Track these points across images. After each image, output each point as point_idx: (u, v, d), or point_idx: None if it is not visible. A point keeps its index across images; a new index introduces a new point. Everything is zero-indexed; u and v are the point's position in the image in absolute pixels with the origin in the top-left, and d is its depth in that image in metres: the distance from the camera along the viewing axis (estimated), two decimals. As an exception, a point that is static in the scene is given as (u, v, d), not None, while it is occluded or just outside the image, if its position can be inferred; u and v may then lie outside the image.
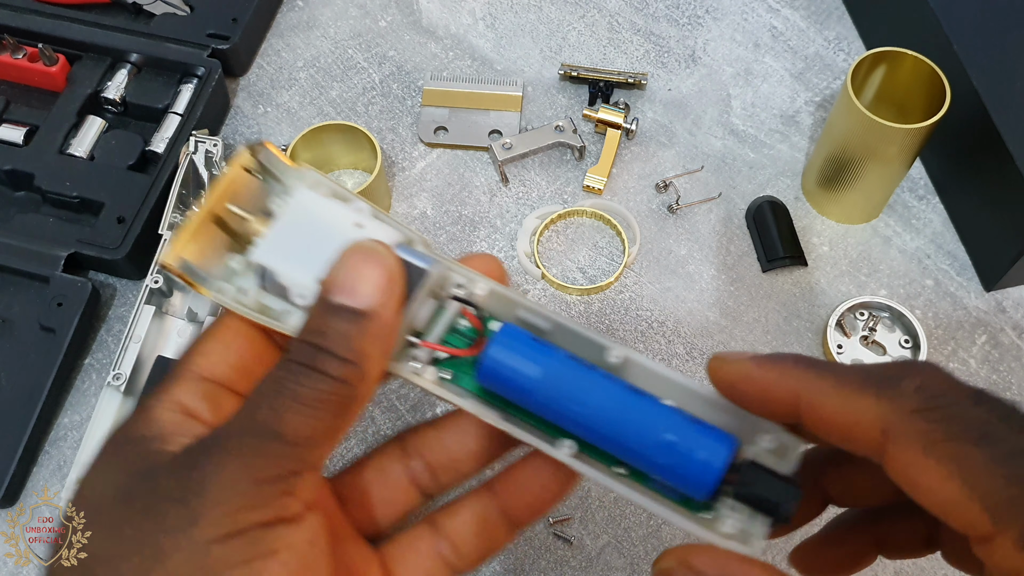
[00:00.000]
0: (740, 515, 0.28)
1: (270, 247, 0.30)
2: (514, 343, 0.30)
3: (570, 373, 0.29)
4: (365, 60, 0.69)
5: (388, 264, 0.28)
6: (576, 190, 0.64)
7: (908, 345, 0.57)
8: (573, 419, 0.29)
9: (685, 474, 0.28)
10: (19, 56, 0.64)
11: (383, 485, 0.33)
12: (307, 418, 0.27)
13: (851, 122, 0.55)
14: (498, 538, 0.33)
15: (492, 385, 0.30)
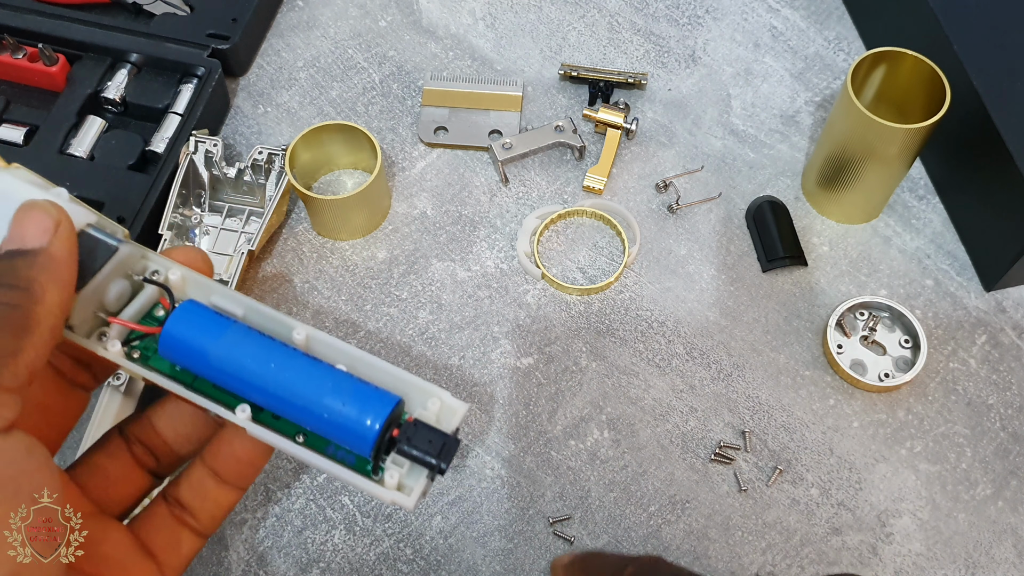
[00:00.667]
0: (402, 469, 0.31)
1: None
2: (190, 317, 0.32)
3: (241, 341, 0.31)
4: (365, 60, 0.69)
5: (53, 212, 0.31)
6: (576, 190, 0.64)
7: (908, 345, 0.57)
8: (246, 384, 0.31)
9: (351, 432, 0.30)
10: (19, 56, 0.64)
11: (113, 469, 0.35)
12: None
13: (851, 122, 0.55)
14: (223, 499, 0.35)
15: (172, 357, 0.32)
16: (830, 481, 0.54)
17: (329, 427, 0.31)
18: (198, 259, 0.35)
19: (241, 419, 0.31)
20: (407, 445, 0.30)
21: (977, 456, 0.55)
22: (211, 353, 0.31)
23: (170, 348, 0.32)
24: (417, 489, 0.31)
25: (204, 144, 0.60)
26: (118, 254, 0.32)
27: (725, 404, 0.56)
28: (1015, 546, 0.52)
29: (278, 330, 0.33)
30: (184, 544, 0.36)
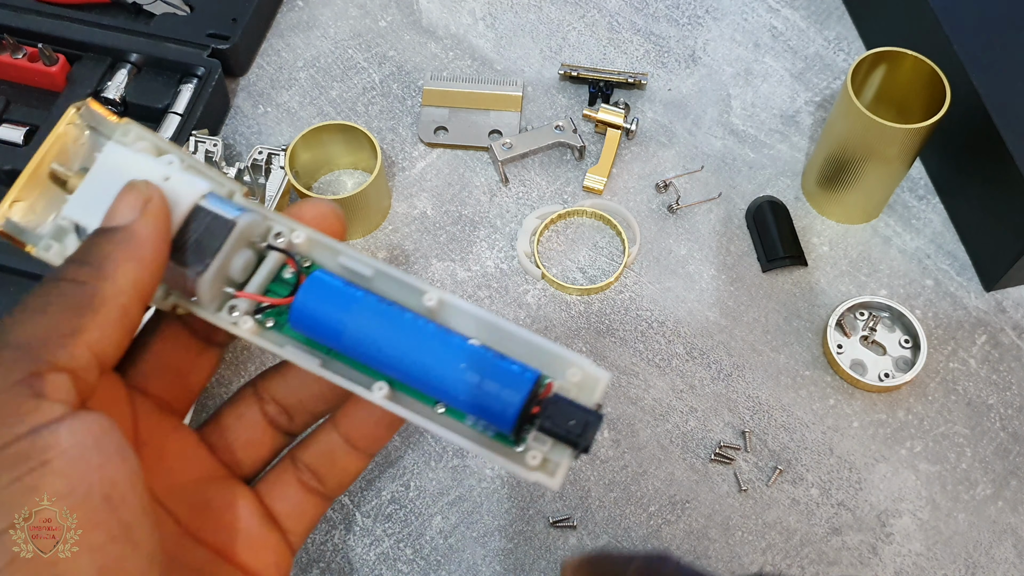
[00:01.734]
0: (544, 447, 0.29)
1: (79, 202, 0.31)
2: (322, 288, 0.30)
3: (376, 315, 0.30)
4: (365, 60, 0.69)
5: (143, 191, 0.29)
6: (576, 190, 0.64)
7: (908, 345, 0.57)
8: (382, 360, 0.30)
9: (490, 409, 0.29)
10: (19, 56, 0.64)
11: (244, 429, 0.34)
12: (36, 320, 0.26)
13: (851, 122, 0.55)
14: (352, 465, 0.34)
15: (305, 330, 0.31)
16: (830, 481, 0.54)
17: (468, 404, 0.30)
18: (328, 214, 0.33)
19: (378, 397, 0.30)
20: (549, 423, 0.29)
21: (977, 456, 0.55)
22: (344, 328, 0.30)
23: (301, 324, 0.31)
24: (562, 469, 0.29)
25: (204, 144, 0.60)
26: (237, 227, 0.30)
27: (725, 404, 0.56)
28: (1015, 546, 0.52)
29: (408, 296, 0.31)
30: (310, 510, 0.34)
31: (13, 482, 0.24)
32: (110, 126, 0.32)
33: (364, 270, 0.31)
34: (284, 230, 0.32)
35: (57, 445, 0.25)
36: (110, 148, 0.31)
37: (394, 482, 0.54)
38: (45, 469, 0.24)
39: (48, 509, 0.24)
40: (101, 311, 0.27)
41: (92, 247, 0.28)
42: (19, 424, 0.25)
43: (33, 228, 0.32)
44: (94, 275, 0.28)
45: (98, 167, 0.31)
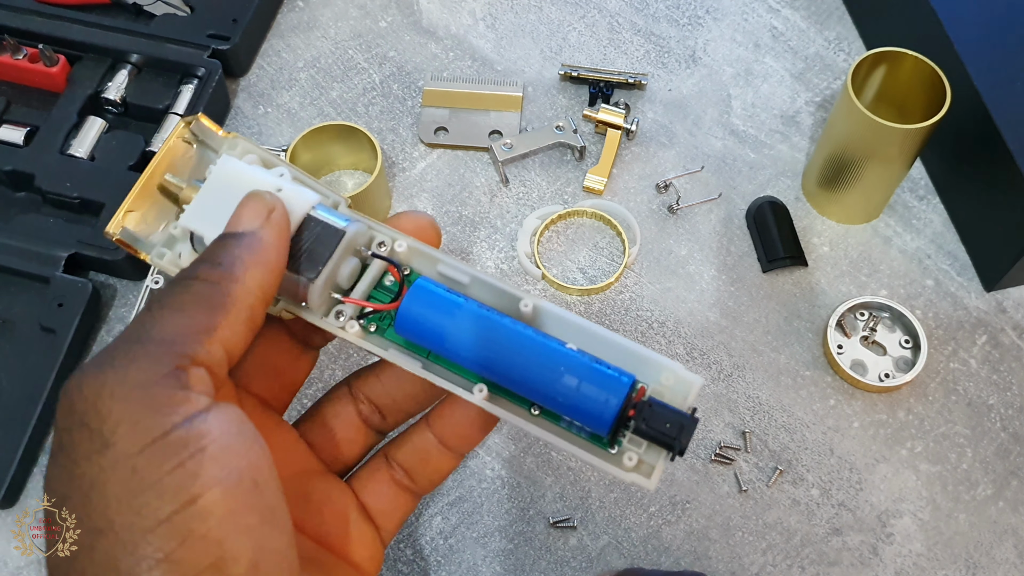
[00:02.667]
0: (639, 449, 0.31)
1: (195, 212, 0.32)
2: (426, 295, 0.32)
3: (477, 320, 0.32)
4: (365, 61, 0.69)
5: (267, 201, 0.31)
6: (576, 190, 0.64)
7: (908, 345, 0.57)
8: (483, 363, 0.32)
9: (587, 411, 0.30)
10: (19, 57, 0.64)
11: (340, 426, 0.36)
12: (175, 318, 0.28)
13: (851, 122, 0.55)
14: (444, 464, 0.36)
15: (409, 335, 0.33)
16: (830, 481, 0.54)
17: (566, 407, 0.31)
18: (426, 225, 0.34)
19: (478, 399, 0.32)
20: (645, 425, 0.30)
21: (978, 456, 0.55)
22: (447, 333, 0.31)
23: (406, 329, 0.32)
24: (657, 470, 0.30)
25: (204, 145, 0.60)
26: (347, 236, 0.32)
27: (725, 404, 0.56)
28: (1016, 547, 0.52)
29: (504, 301, 0.33)
30: (401, 506, 0.36)
31: (176, 468, 0.25)
32: (218, 139, 0.34)
33: (462, 277, 0.33)
34: (387, 239, 0.34)
35: (209, 433, 0.26)
36: (224, 160, 0.33)
37: (394, 483, 0.54)
38: (203, 455, 0.26)
39: (209, 494, 0.26)
40: (232, 311, 0.29)
41: (222, 250, 0.30)
42: (174, 414, 0.26)
43: (145, 236, 0.34)
44: (225, 277, 0.29)
45: (214, 179, 0.33)
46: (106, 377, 0.26)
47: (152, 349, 0.27)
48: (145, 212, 0.34)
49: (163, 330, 0.28)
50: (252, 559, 0.26)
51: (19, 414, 0.53)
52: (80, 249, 0.57)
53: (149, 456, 0.25)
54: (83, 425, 0.26)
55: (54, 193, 0.60)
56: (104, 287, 0.59)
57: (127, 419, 0.26)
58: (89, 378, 0.27)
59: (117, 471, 0.25)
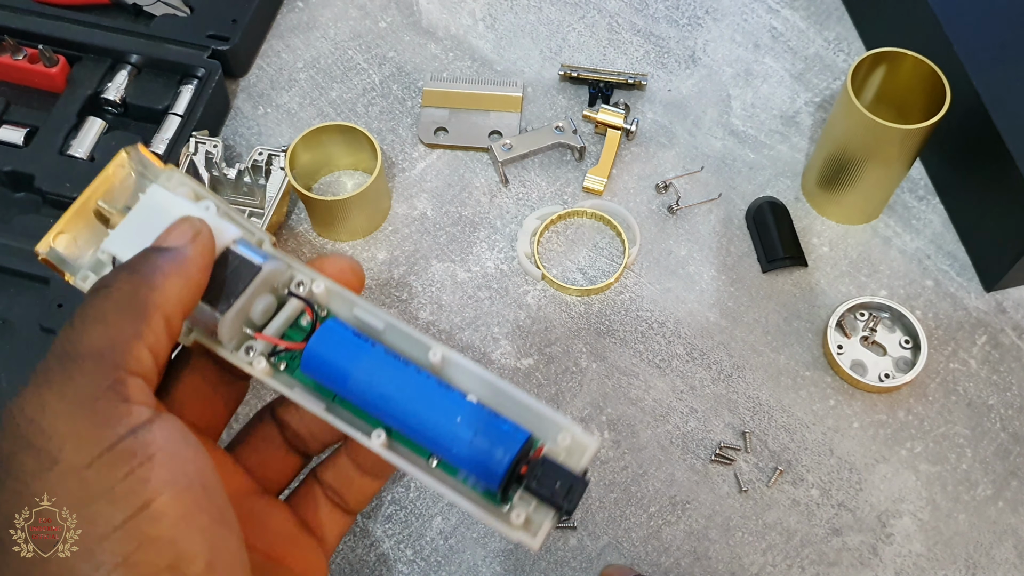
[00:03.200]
0: (528, 507, 0.30)
1: (119, 237, 0.33)
2: (333, 337, 0.32)
3: (381, 367, 0.32)
4: (365, 61, 0.69)
5: (195, 224, 0.32)
6: (576, 191, 0.64)
7: (908, 346, 0.57)
8: (383, 409, 0.32)
9: (480, 464, 0.30)
10: (19, 57, 0.64)
11: (269, 450, 0.36)
12: (97, 329, 0.28)
13: (851, 123, 0.55)
14: (367, 487, 0.36)
15: (314, 375, 0.33)
16: (830, 482, 0.54)
17: (460, 458, 0.31)
18: (347, 269, 0.34)
19: (375, 445, 0.32)
20: (536, 484, 0.30)
21: (977, 457, 0.55)
22: (350, 376, 0.32)
23: (311, 368, 0.32)
24: (543, 529, 0.30)
25: (204, 145, 0.60)
26: (262, 272, 0.32)
27: (725, 405, 0.56)
28: (1015, 547, 0.52)
29: (414, 349, 0.33)
30: (338, 521, 0.36)
31: (126, 475, 0.26)
32: (155, 170, 0.35)
33: (376, 323, 0.33)
34: (305, 279, 0.33)
35: (155, 442, 0.27)
36: (153, 190, 0.33)
37: (394, 484, 0.54)
38: (151, 463, 0.26)
39: (161, 498, 0.26)
40: (153, 317, 0.29)
41: (141, 260, 0.30)
42: (119, 425, 0.27)
43: (74, 259, 0.34)
44: (143, 284, 0.29)
45: (141, 206, 0.33)
46: (45, 397, 0.27)
47: (86, 365, 0.27)
48: (77, 234, 0.34)
49: (90, 343, 0.28)
50: (207, 558, 0.27)
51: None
52: (80, 250, 0.57)
53: (98, 468, 0.26)
54: (29, 446, 0.26)
55: (54, 194, 0.60)
56: (104, 288, 0.59)
57: (72, 435, 0.26)
58: (29, 399, 0.27)
59: (67, 483, 0.26)
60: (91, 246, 0.35)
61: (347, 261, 0.35)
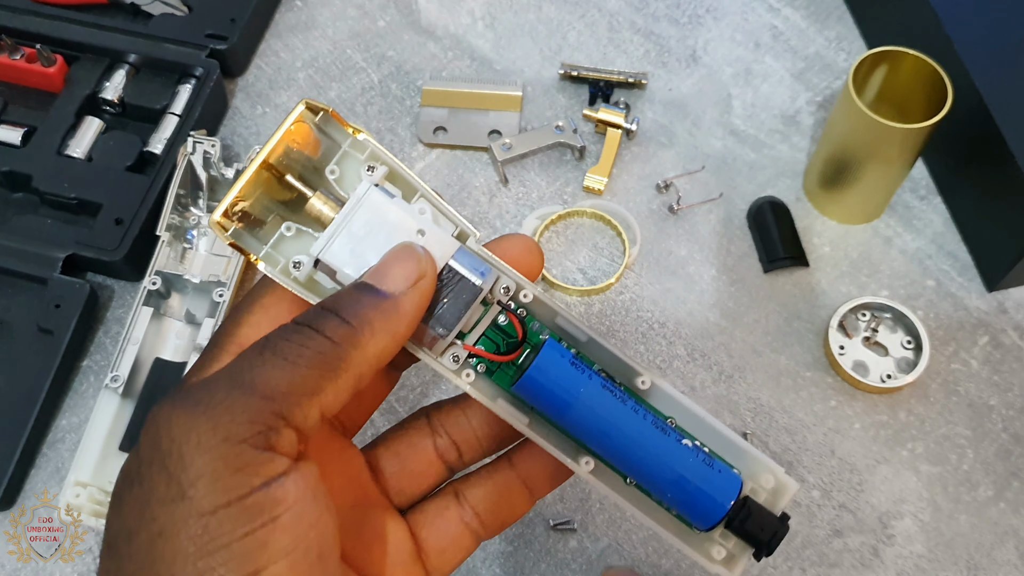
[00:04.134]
0: (729, 543, 0.32)
1: (334, 246, 0.31)
2: (554, 364, 0.31)
3: (602, 402, 0.31)
4: (364, 60, 0.69)
5: (423, 265, 0.30)
6: (576, 191, 0.63)
7: (910, 346, 0.57)
8: (599, 443, 0.31)
9: (694, 509, 0.31)
10: (17, 57, 0.63)
11: (412, 459, 0.34)
12: (285, 372, 0.27)
13: (852, 122, 0.55)
14: (518, 508, 0.35)
15: (527, 397, 0.32)
16: (831, 483, 0.54)
17: (673, 500, 0.31)
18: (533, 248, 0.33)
19: (583, 472, 0.32)
20: (741, 524, 0.31)
21: (979, 457, 0.54)
22: (569, 408, 0.31)
23: (526, 391, 0.31)
24: (741, 566, 0.31)
25: (202, 145, 0.60)
26: (482, 293, 0.31)
27: (726, 406, 0.56)
28: (1016, 548, 0.52)
29: (620, 369, 0.33)
30: (463, 549, 0.35)
31: (247, 535, 0.25)
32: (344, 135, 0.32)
33: (579, 336, 0.33)
34: (512, 285, 0.32)
35: (285, 500, 0.26)
36: (370, 192, 0.31)
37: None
38: (275, 525, 0.25)
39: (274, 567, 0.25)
40: (342, 377, 0.27)
41: (355, 305, 0.28)
42: (255, 475, 0.25)
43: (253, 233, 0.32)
44: (349, 338, 0.28)
45: (357, 210, 0.31)
46: (197, 421, 0.26)
47: (252, 402, 0.26)
48: (254, 204, 0.31)
49: (268, 383, 0.26)
50: None
51: (17, 415, 0.53)
52: (78, 250, 0.57)
53: (223, 518, 0.25)
54: (163, 467, 0.25)
55: (51, 194, 0.59)
56: (101, 288, 0.59)
57: (209, 474, 0.25)
58: (180, 416, 0.26)
59: (189, 526, 0.25)
60: (267, 215, 0.32)
61: (530, 241, 0.33)
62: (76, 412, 0.55)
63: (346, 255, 0.31)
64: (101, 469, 0.52)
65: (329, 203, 0.31)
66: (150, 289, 0.56)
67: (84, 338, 0.57)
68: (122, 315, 0.59)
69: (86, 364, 0.57)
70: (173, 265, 0.57)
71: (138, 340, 0.55)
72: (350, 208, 0.31)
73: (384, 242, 0.31)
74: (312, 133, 0.32)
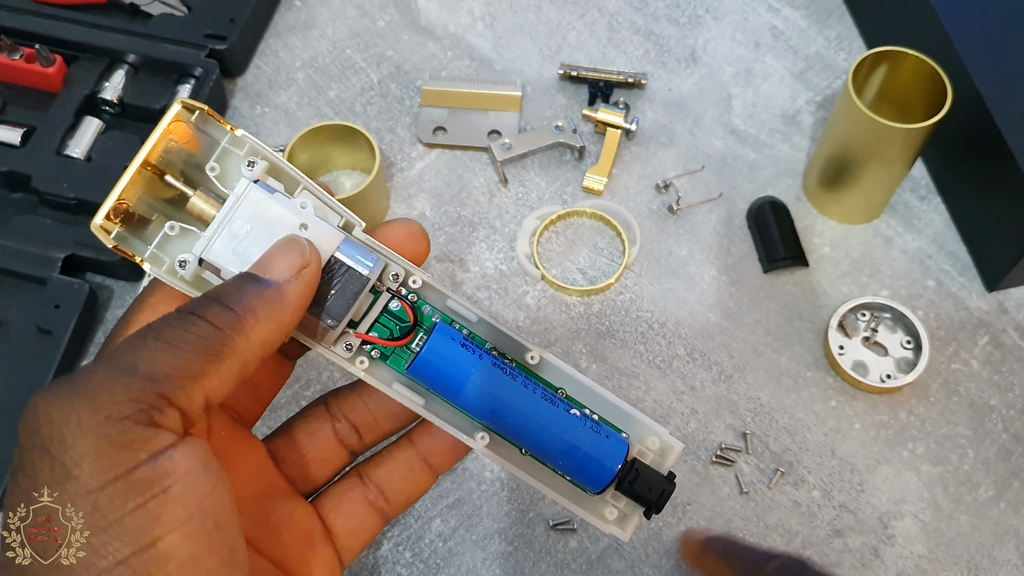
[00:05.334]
0: (620, 504, 0.33)
1: (217, 245, 0.31)
2: (445, 347, 0.32)
3: (493, 379, 0.32)
4: (363, 60, 0.69)
5: (304, 254, 0.30)
6: (576, 190, 0.63)
7: (910, 346, 0.57)
8: (493, 418, 0.33)
9: (585, 474, 0.33)
10: (16, 57, 0.63)
11: (314, 445, 0.35)
12: (167, 355, 0.27)
13: (852, 122, 0.55)
14: (421, 484, 0.36)
15: (422, 379, 0.33)
16: (832, 483, 0.54)
17: (565, 467, 0.33)
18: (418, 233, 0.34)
19: (479, 447, 0.33)
20: (629, 485, 0.32)
21: (979, 458, 0.54)
22: (463, 387, 0.32)
23: (420, 374, 0.32)
24: (632, 524, 0.33)
25: (201, 145, 0.60)
26: (370, 282, 0.32)
27: (726, 406, 0.56)
28: (1017, 548, 0.52)
29: (511, 346, 0.34)
30: (369, 529, 0.36)
31: (137, 508, 0.25)
32: (222, 131, 0.32)
33: (469, 316, 0.34)
34: (400, 272, 0.33)
35: (174, 472, 0.26)
36: (250, 188, 0.31)
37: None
38: (166, 496, 0.25)
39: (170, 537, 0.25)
40: (226, 362, 0.27)
41: (239, 293, 0.28)
42: (140, 450, 0.25)
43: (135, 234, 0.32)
44: (232, 324, 0.28)
45: (237, 206, 0.31)
46: (76, 403, 0.26)
47: (133, 383, 0.26)
48: (135, 205, 0.31)
49: (150, 365, 0.26)
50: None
51: (16, 416, 0.52)
52: (77, 250, 0.57)
53: (111, 493, 0.25)
54: (45, 452, 0.25)
55: (51, 194, 0.59)
56: (101, 288, 0.59)
57: (92, 453, 0.25)
58: (58, 401, 0.26)
59: (77, 506, 0.25)
60: (151, 214, 0.32)
61: (414, 225, 0.34)
62: (75, 412, 0.55)
63: (229, 253, 0.31)
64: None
65: (210, 201, 0.32)
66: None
67: (83, 338, 0.57)
68: (121, 315, 0.58)
69: (85, 364, 0.57)
70: (172, 265, 0.57)
71: (137, 340, 0.54)
72: (230, 206, 0.31)
73: (266, 238, 0.31)
74: (191, 131, 0.32)
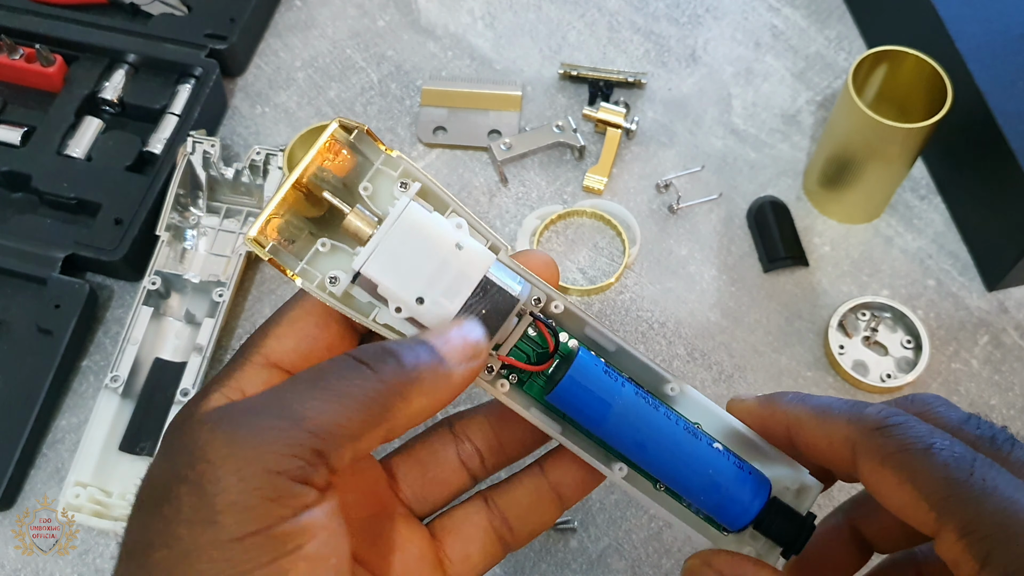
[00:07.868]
0: (758, 543, 0.33)
1: (376, 260, 0.31)
2: (587, 374, 0.32)
3: (636, 410, 0.32)
4: (363, 60, 0.69)
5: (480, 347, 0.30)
6: (576, 190, 0.63)
7: (910, 346, 0.57)
8: (633, 450, 0.32)
9: (726, 511, 0.32)
10: (16, 57, 0.63)
11: (435, 465, 0.35)
12: (332, 407, 0.27)
13: (852, 121, 0.55)
14: (547, 515, 0.35)
15: (563, 406, 0.32)
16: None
17: (704, 503, 0.32)
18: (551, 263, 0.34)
19: (617, 478, 0.32)
20: (769, 525, 0.32)
21: (980, 457, 0.54)
22: (604, 417, 0.31)
23: (561, 401, 0.32)
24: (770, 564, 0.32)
25: (202, 145, 0.60)
26: (519, 304, 0.32)
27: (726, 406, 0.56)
28: (1018, 548, 0.52)
29: (648, 376, 0.33)
30: (489, 557, 0.34)
31: (269, 563, 0.25)
32: (377, 153, 0.33)
33: (608, 345, 0.33)
34: (542, 296, 0.33)
35: (310, 531, 0.26)
36: (410, 207, 0.31)
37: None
38: (298, 555, 0.25)
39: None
40: (381, 427, 0.27)
41: (414, 358, 0.28)
42: (287, 507, 0.25)
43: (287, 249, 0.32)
44: (399, 388, 0.28)
45: (396, 224, 0.31)
46: (238, 447, 0.26)
47: (296, 436, 0.26)
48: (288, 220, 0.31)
49: (316, 418, 0.26)
50: None
51: (16, 416, 0.53)
52: (77, 250, 0.57)
53: (248, 545, 0.25)
54: (196, 488, 0.25)
55: (51, 194, 0.59)
56: (101, 288, 0.59)
57: (242, 502, 0.25)
58: (221, 438, 0.26)
59: (213, 552, 0.25)
60: (298, 232, 0.32)
61: (545, 256, 0.34)
62: (76, 412, 0.55)
63: (386, 269, 0.31)
64: (101, 469, 0.51)
65: (365, 219, 0.32)
66: (150, 289, 0.56)
67: (83, 338, 0.57)
68: (122, 315, 0.59)
69: (86, 364, 0.57)
70: (173, 265, 0.57)
71: (138, 340, 0.55)
72: (390, 222, 0.31)
73: (424, 255, 0.31)
74: (344, 151, 0.32)
